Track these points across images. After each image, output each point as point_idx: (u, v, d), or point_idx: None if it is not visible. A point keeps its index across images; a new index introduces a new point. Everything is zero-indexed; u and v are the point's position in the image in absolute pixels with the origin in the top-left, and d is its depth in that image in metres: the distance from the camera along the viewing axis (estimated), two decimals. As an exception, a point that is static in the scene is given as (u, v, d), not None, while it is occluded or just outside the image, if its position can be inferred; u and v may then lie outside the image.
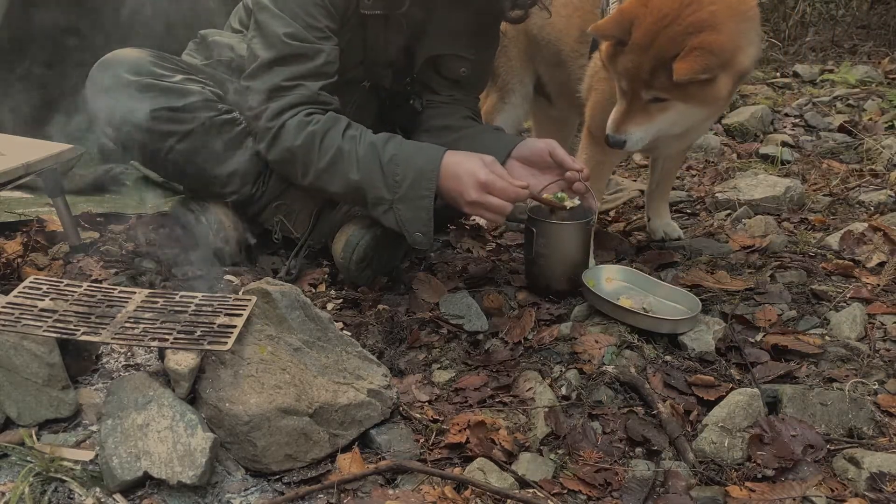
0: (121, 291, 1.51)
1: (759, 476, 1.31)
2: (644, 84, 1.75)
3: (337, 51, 1.82)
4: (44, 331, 1.31)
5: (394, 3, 1.82)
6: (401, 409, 1.48)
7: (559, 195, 1.84)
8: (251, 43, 1.81)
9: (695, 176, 3.05)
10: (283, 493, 1.25)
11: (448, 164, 1.73)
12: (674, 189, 2.80)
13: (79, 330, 1.33)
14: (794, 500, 1.25)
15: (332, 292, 1.92)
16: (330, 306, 1.85)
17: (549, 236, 1.88)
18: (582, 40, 2.15)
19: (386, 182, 1.73)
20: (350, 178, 1.74)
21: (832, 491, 1.27)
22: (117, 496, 1.19)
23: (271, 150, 1.80)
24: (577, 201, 1.84)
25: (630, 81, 1.77)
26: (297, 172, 1.81)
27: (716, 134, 3.49)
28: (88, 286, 1.51)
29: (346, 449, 1.36)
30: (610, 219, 2.57)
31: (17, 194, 2.20)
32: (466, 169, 1.71)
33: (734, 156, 3.27)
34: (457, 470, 1.32)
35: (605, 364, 1.61)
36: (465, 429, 1.39)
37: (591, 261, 1.96)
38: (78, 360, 1.42)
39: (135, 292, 1.51)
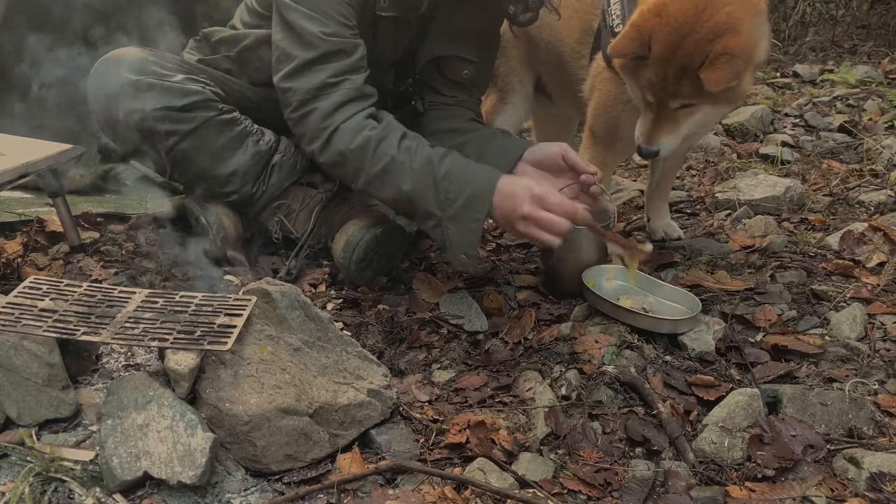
0: (121, 291, 1.51)
1: (759, 476, 1.31)
2: (671, 94, 1.74)
3: (365, 47, 1.80)
4: (44, 331, 1.31)
5: (410, 7, 1.81)
6: (401, 409, 1.48)
7: (639, 240, 1.81)
8: (281, 44, 1.77)
9: (695, 176, 3.05)
10: (283, 493, 1.25)
11: (504, 185, 1.68)
12: (674, 189, 2.80)
13: (79, 330, 1.33)
14: (794, 500, 1.25)
15: (332, 292, 1.92)
16: (330, 306, 1.85)
17: (570, 241, 1.87)
18: (582, 41, 2.15)
19: (438, 198, 1.69)
20: (402, 189, 1.71)
21: (832, 491, 1.27)
22: (117, 496, 1.19)
23: (324, 151, 1.76)
24: (649, 246, 1.77)
25: (656, 93, 1.76)
26: (348, 175, 1.78)
27: (716, 134, 3.49)
28: (88, 286, 1.51)
29: (346, 449, 1.36)
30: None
31: (17, 194, 2.20)
32: (522, 185, 1.67)
33: (734, 156, 3.27)
34: (457, 470, 1.32)
35: (605, 364, 1.61)
36: (465, 429, 1.39)
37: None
38: (78, 360, 1.42)
39: (135, 292, 1.51)
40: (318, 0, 1.73)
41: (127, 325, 1.37)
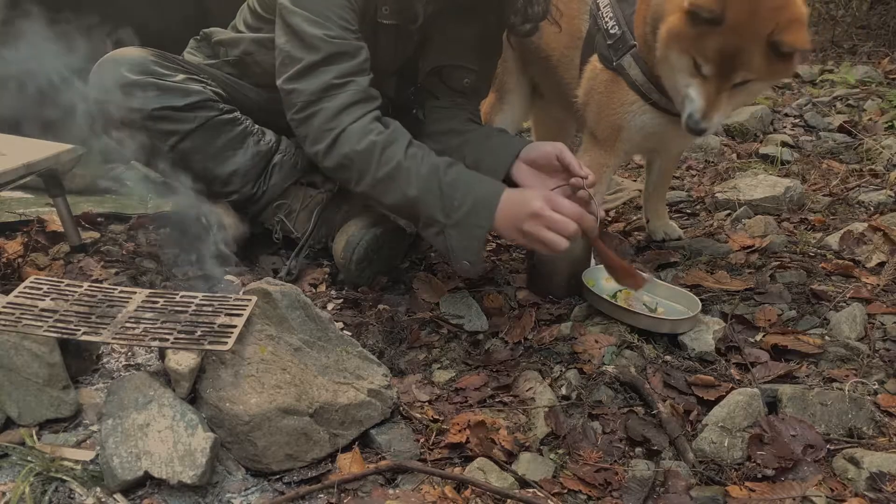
0: (121, 291, 1.51)
1: (759, 476, 1.31)
2: (736, 67, 1.71)
3: (368, 50, 1.80)
4: (44, 331, 1.31)
5: (409, 16, 1.81)
6: (401, 408, 1.48)
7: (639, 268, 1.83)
8: (285, 47, 1.76)
9: (695, 176, 3.05)
10: (283, 493, 1.25)
11: (509, 194, 1.68)
12: (674, 189, 2.80)
13: (79, 330, 1.33)
14: (793, 499, 1.25)
15: (333, 292, 1.92)
16: (330, 306, 1.86)
17: None
18: (571, 46, 2.14)
19: (443, 204, 1.68)
20: (407, 195, 1.70)
21: (832, 491, 1.27)
22: (118, 496, 1.19)
23: (329, 154, 1.73)
24: (647, 276, 1.79)
25: (719, 65, 1.72)
26: (351, 178, 1.75)
27: (716, 134, 3.49)
28: (89, 286, 1.51)
29: (347, 449, 1.36)
30: (610, 219, 2.57)
31: (18, 194, 2.21)
32: (530, 192, 1.68)
33: (734, 156, 3.27)
34: (457, 470, 1.33)
35: (605, 364, 1.61)
36: (465, 429, 1.39)
37: (591, 261, 1.96)
38: (78, 360, 1.42)
39: (135, 292, 1.51)
40: (320, 4, 1.72)
41: (127, 325, 1.37)
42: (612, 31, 1.96)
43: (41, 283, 1.49)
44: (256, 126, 1.97)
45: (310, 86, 1.72)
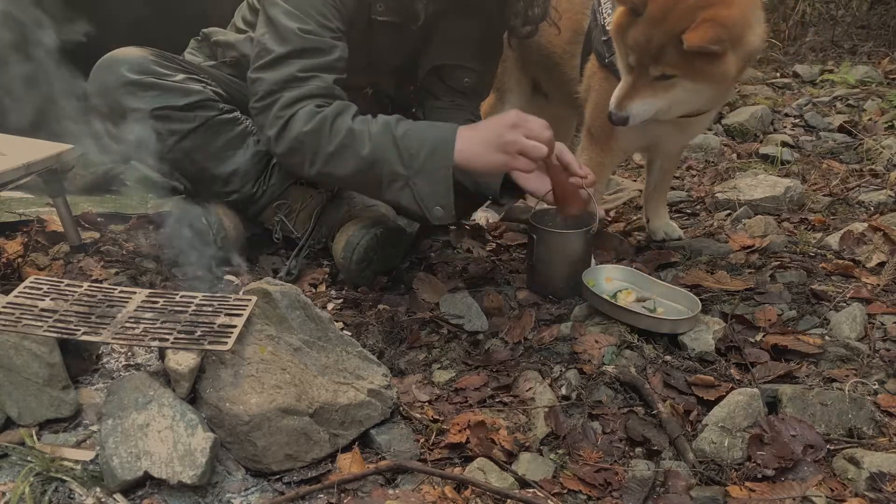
0: (121, 291, 1.51)
1: (759, 476, 1.31)
2: (653, 59, 1.72)
3: (347, 51, 1.80)
4: (44, 331, 1.31)
5: (409, 15, 1.81)
6: (401, 409, 1.48)
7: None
8: (262, 38, 1.77)
9: (695, 176, 3.05)
10: (283, 493, 1.25)
11: (464, 132, 1.69)
12: (674, 189, 2.80)
13: (79, 330, 1.33)
14: (794, 500, 1.25)
15: (333, 292, 1.92)
16: (330, 306, 1.86)
17: (550, 243, 1.88)
18: (573, 41, 2.15)
19: (401, 156, 1.67)
20: (362, 155, 1.68)
21: (832, 491, 1.27)
22: (118, 496, 1.19)
23: (280, 140, 1.74)
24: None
25: (639, 56, 1.74)
26: (304, 162, 1.75)
27: (716, 134, 3.50)
28: (89, 286, 1.51)
29: (347, 449, 1.36)
30: (610, 219, 2.57)
31: (18, 194, 2.20)
32: (490, 120, 1.70)
33: (734, 156, 3.27)
34: (457, 470, 1.33)
35: (605, 364, 1.61)
36: (465, 429, 1.39)
37: (592, 260, 1.96)
38: (78, 360, 1.42)
39: (135, 292, 1.51)
40: None
41: (127, 324, 1.37)
42: (607, 27, 1.96)
43: (41, 283, 1.49)
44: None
45: (273, 76, 1.73)
